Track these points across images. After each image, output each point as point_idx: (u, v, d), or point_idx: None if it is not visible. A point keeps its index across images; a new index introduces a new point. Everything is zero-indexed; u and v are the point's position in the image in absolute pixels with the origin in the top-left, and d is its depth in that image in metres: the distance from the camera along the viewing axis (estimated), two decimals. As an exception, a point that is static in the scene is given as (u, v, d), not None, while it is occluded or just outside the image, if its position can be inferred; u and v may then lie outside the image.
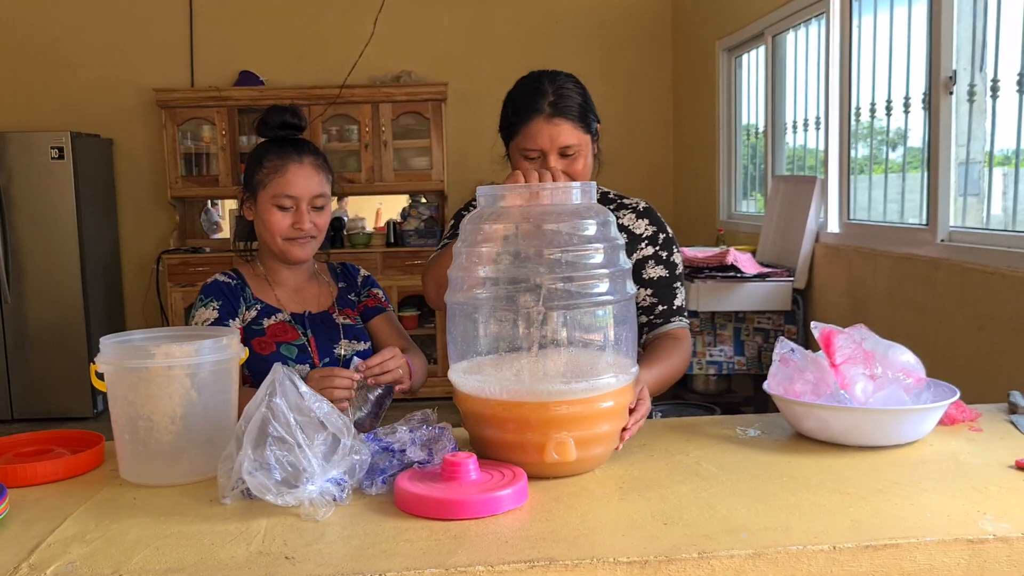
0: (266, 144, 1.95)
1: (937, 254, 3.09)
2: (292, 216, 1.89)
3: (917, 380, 1.54)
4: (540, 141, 1.78)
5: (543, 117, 1.78)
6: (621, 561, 1.09)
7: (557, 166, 1.79)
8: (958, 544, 1.13)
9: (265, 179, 1.90)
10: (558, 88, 1.81)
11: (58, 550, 1.16)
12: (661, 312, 1.90)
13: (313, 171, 1.91)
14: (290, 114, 1.95)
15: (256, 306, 1.93)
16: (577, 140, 1.80)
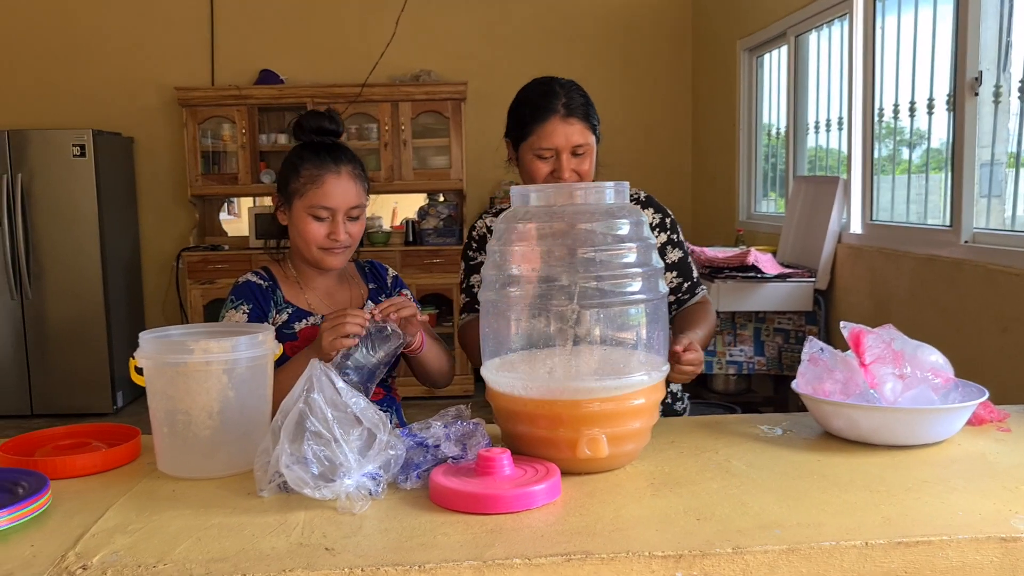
0: (302, 150, 1.92)
1: (961, 255, 3.09)
2: (328, 226, 1.88)
3: (945, 380, 1.54)
4: (556, 139, 1.89)
5: (558, 117, 1.90)
6: (656, 555, 1.10)
7: (569, 165, 1.90)
8: (991, 542, 1.14)
9: (301, 188, 1.88)
10: (568, 91, 1.94)
11: (102, 540, 1.18)
12: (687, 288, 2.10)
13: (350, 181, 1.90)
14: (327, 119, 1.94)
15: (287, 309, 1.94)
16: (587, 140, 1.92)
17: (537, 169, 1.94)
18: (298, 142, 1.96)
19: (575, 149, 1.91)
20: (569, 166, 1.91)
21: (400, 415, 2.02)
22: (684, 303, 2.09)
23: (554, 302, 1.37)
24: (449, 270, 5.98)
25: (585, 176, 1.94)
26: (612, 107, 6.44)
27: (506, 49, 6.35)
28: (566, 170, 1.91)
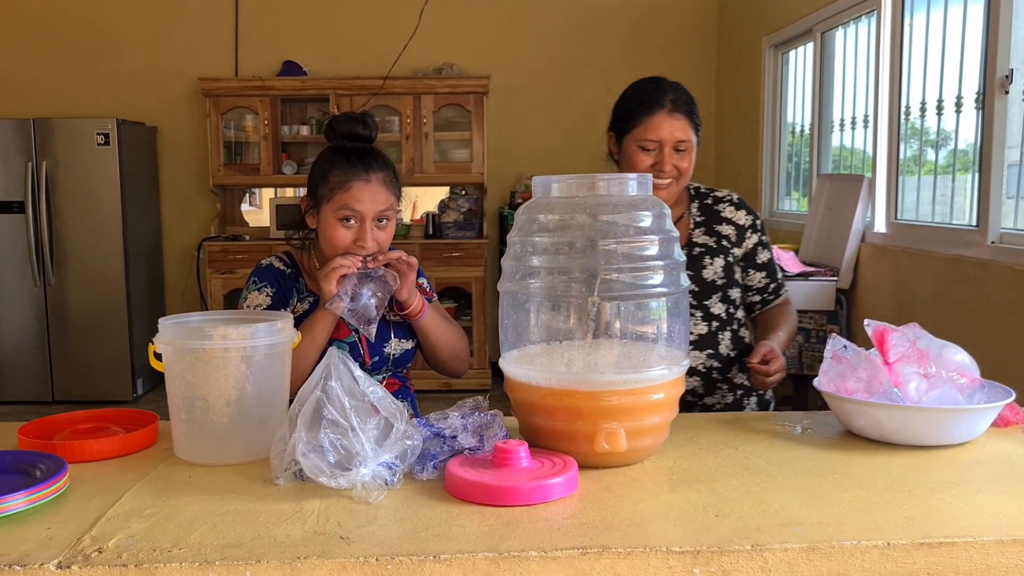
0: (332, 155, 1.88)
1: (987, 256, 3.05)
2: (355, 232, 1.83)
3: (971, 380, 1.52)
4: (661, 132, 1.96)
5: (665, 111, 1.98)
6: (674, 551, 1.09)
7: (671, 159, 1.97)
8: (1016, 545, 1.12)
9: (329, 193, 1.83)
10: (675, 89, 2.02)
11: (118, 524, 1.18)
12: (772, 289, 2.13)
13: (380, 187, 1.84)
14: (360, 124, 1.88)
15: (309, 299, 1.93)
16: (689, 137, 1.99)
17: (640, 161, 1.98)
18: (329, 144, 1.92)
19: (678, 144, 1.97)
20: (671, 160, 1.97)
21: (415, 407, 2.01)
22: (768, 303, 2.13)
23: (574, 294, 1.36)
24: (468, 263, 5.97)
25: (684, 173, 2.00)
26: (635, 103, 6.42)
27: (529, 44, 6.33)
28: (667, 163, 1.96)
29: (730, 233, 2.08)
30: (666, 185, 1.98)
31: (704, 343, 2.02)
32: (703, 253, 2.05)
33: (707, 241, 2.06)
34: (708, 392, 2.04)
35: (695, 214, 2.10)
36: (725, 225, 2.08)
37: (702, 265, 2.03)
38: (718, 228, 2.08)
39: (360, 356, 1.89)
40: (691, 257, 2.02)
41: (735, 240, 2.08)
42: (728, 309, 2.06)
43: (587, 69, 6.33)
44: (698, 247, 2.05)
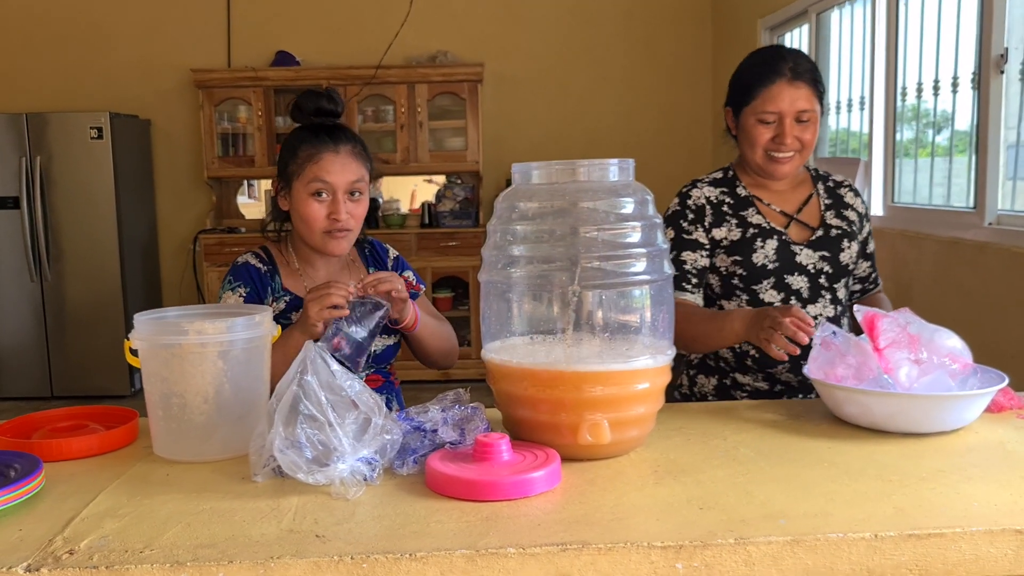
0: (301, 131, 1.89)
1: (985, 238, 3.02)
2: (328, 206, 1.83)
3: (964, 366, 1.49)
4: (780, 103, 1.86)
5: (785, 80, 1.87)
6: (655, 545, 1.07)
7: (792, 131, 1.87)
8: (1006, 534, 1.09)
9: (299, 168, 1.84)
10: (796, 56, 1.90)
11: (91, 524, 1.16)
12: (873, 279, 2.10)
13: (350, 158, 1.85)
14: (326, 99, 1.88)
15: (285, 298, 1.90)
16: (812, 107, 1.88)
17: (759, 134, 1.90)
18: (297, 124, 1.91)
19: (799, 115, 1.87)
20: (792, 132, 1.87)
21: (400, 400, 1.99)
22: (868, 292, 2.10)
23: (555, 283, 1.33)
24: (465, 253, 5.94)
25: (807, 146, 1.90)
26: (632, 88, 6.38)
27: (523, 30, 6.28)
28: (788, 135, 1.87)
29: (854, 219, 2.02)
30: (788, 159, 1.90)
31: None
32: (841, 235, 1.97)
33: (840, 224, 1.98)
34: None
35: (823, 195, 2.02)
36: (850, 211, 2.02)
37: (840, 248, 1.96)
38: (845, 213, 2.01)
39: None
40: (830, 239, 1.95)
41: (857, 227, 2.01)
42: (847, 295, 2.03)
43: (582, 55, 6.29)
44: (835, 229, 1.97)
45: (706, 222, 1.98)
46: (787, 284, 1.93)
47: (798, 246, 1.94)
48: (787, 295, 1.93)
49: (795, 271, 1.93)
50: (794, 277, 1.93)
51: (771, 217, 1.97)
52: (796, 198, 2.01)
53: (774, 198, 2.00)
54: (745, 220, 1.96)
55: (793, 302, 1.92)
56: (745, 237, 1.94)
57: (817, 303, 1.93)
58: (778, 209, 1.98)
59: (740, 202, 1.99)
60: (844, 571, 1.08)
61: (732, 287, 1.96)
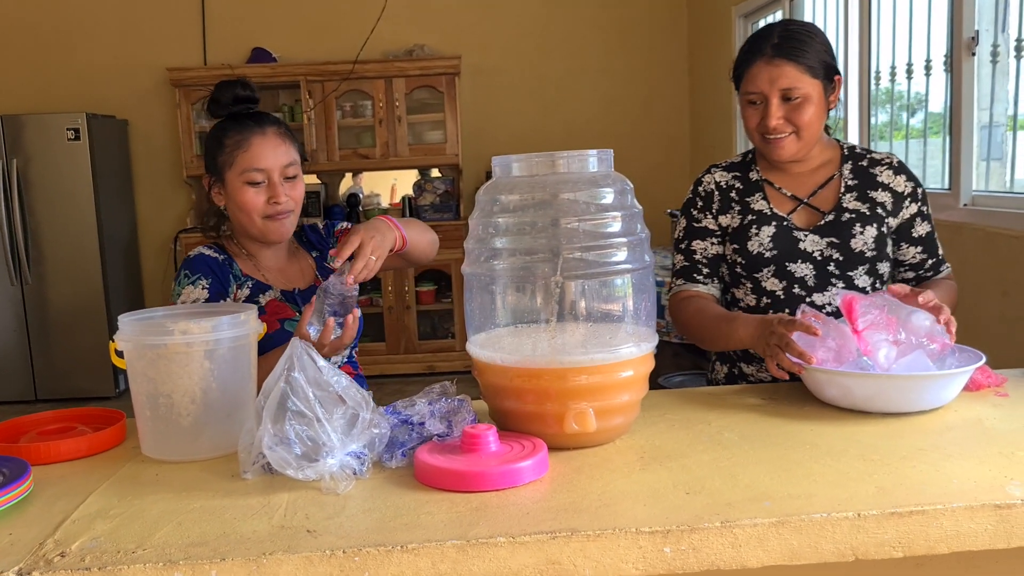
0: (223, 123, 1.86)
1: (960, 219, 3.06)
2: (266, 191, 1.81)
3: (941, 345, 1.51)
4: (760, 83, 1.79)
5: (764, 59, 1.78)
6: (643, 531, 1.08)
7: (777, 113, 1.78)
8: (985, 510, 1.11)
9: (229, 158, 1.81)
10: (785, 31, 1.80)
11: (82, 526, 1.16)
12: (931, 265, 1.92)
13: (279, 140, 1.83)
14: (240, 86, 1.86)
15: (248, 283, 1.87)
16: (800, 84, 1.77)
17: (748, 117, 1.84)
18: (217, 119, 1.88)
19: (785, 94, 1.77)
20: (778, 113, 1.78)
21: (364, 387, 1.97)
22: (924, 280, 1.93)
23: (538, 274, 1.34)
24: (446, 245, 5.84)
25: (802, 128, 1.79)
26: (609, 76, 6.39)
27: (499, 22, 6.28)
28: (773, 117, 1.78)
29: (886, 200, 1.87)
30: (780, 140, 1.81)
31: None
32: (853, 220, 1.85)
33: (859, 207, 1.86)
34: None
35: (847, 176, 1.89)
36: (881, 191, 1.88)
37: (851, 233, 1.84)
38: (872, 194, 1.87)
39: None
40: (839, 224, 1.85)
41: (891, 208, 1.87)
42: (874, 283, 1.88)
43: (559, 45, 6.29)
44: (848, 213, 1.85)
45: (714, 208, 1.94)
46: (789, 272, 1.85)
47: (803, 232, 1.86)
48: (790, 283, 1.86)
49: (798, 258, 1.85)
50: (797, 265, 1.85)
51: (777, 202, 1.90)
52: (814, 180, 1.91)
53: (788, 181, 1.92)
54: (748, 206, 1.90)
55: (796, 290, 1.85)
56: (743, 224, 1.89)
57: (825, 292, 1.85)
58: (789, 193, 1.90)
59: (749, 187, 1.93)
60: (829, 550, 1.10)
61: (737, 275, 1.92)
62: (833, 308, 1.82)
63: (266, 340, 1.79)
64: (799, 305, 1.73)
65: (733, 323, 1.73)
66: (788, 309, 1.85)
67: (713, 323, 1.80)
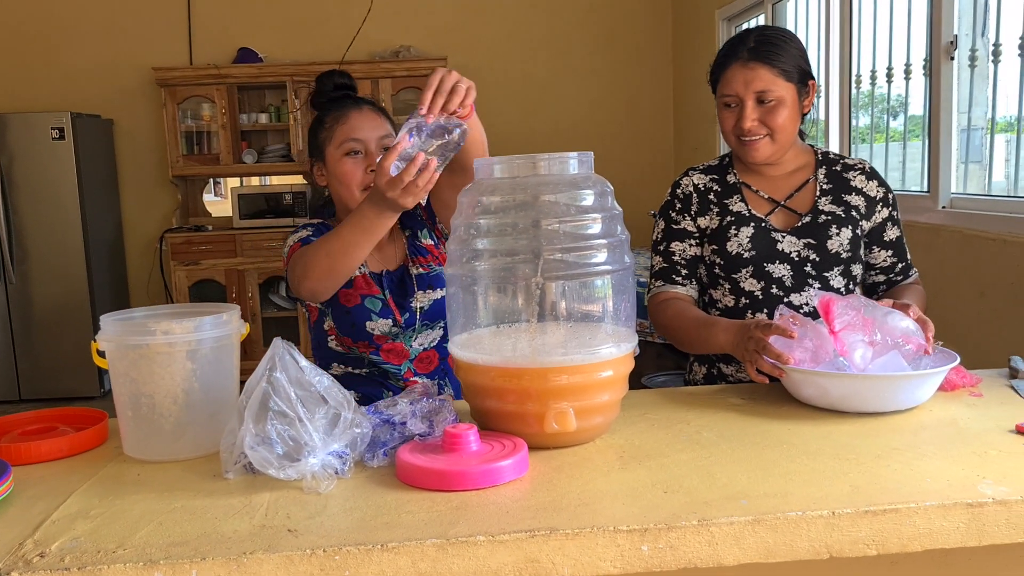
0: (323, 107, 1.97)
1: (938, 221, 3.09)
2: (363, 162, 1.88)
3: (917, 346, 1.53)
4: (736, 85, 1.82)
5: (740, 62, 1.82)
6: (621, 529, 1.10)
7: (752, 115, 1.81)
8: (957, 508, 1.13)
9: (329, 133, 1.90)
10: (761, 36, 1.83)
11: (62, 527, 1.17)
12: (900, 269, 1.97)
13: (374, 114, 1.92)
14: (339, 75, 1.98)
15: None
16: (775, 87, 1.80)
17: (724, 119, 1.88)
18: (320, 110, 1.98)
19: (760, 96, 1.81)
20: (752, 116, 1.82)
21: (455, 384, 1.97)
22: (894, 284, 1.98)
23: (519, 275, 1.35)
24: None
25: (776, 130, 1.83)
26: (594, 79, 6.41)
27: (485, 23, 6.29)
28: (747, 119, 1.82)
29: (859, 204, 1.92)
30: (755, 142, 1.84)
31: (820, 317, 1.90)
32: (829, 222, 1.88)
33: (835, 210, 1.90)
34: None
35: (822, 180, 1.93)
36: (855, 195, 1.92)
37: (827, 235, 1.87)
38: (847, 198, 1.91)
39: (391, 314, 1.90)
40: (816, 226, 1.88)
41: (864, 212, 1.92)
42: (848, 284, 1.91)
43: (544, 46, 6.31)
44: (824, 215, 1.89)
45: (692, 210, 1.96)
46: (767, 272, 1.88)
47: (780, 233, 1.89)
48: (768, 284, 1.88)
49: (776, 259, 1.88)
50: (775, 265, 1.88)
51: (755, 204, 1.93)
52: (790, 184, 1.95)
53: (765, 184, 1.95)
54: (726, 208, 1.93)
55: (775, 291, 1.88)
56: (722, 225, 1.92)
57: (802, 292, 1.88)
58: (766, 196, 1.94)
59: (727, 189, 1.95)
60: (804, 548, 1.12)
61: (715, 276, 1.94)
62: (810, 308, 1.85)
63: (344, 314, 1.88)
64: (777, 305, 1.76)
65: (713, 328, 1.75)
66: (766, 309, 1.88)
67: (693, 328, 1.82)
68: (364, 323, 1.89)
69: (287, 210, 6.16)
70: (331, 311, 1.91)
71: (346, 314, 1.88)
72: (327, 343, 1.94)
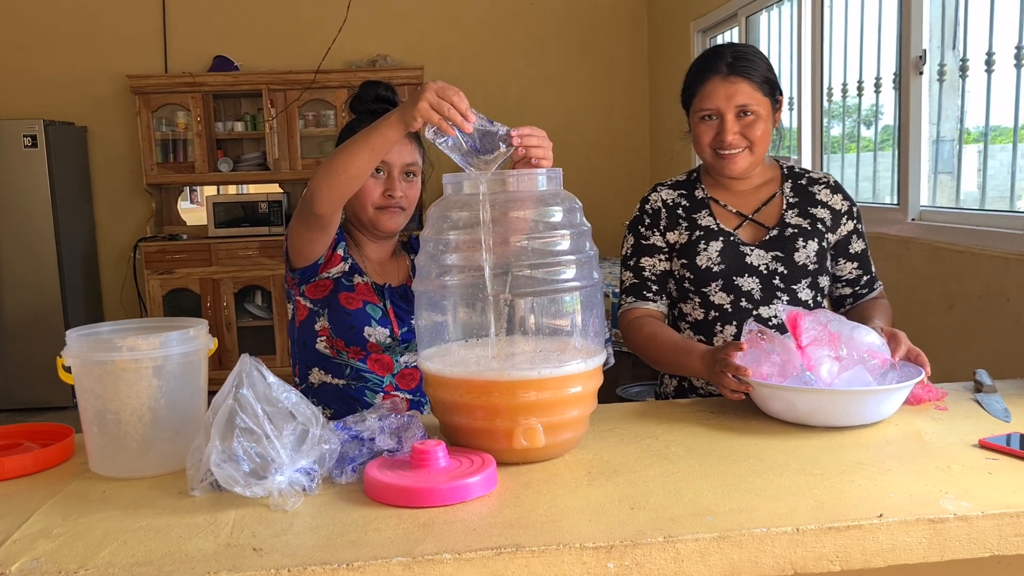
0: (359, 117, 1.96)
1: (908, 233, 3.12)
2: (384, 183, 1.89)
3: (882, 361, 1.55)
4: (716, 99, 1.84)
5: (720, 76, 1.84)
6: (587, 546, 1.10)
7: (733, 128, 1.84)
8: (919, 524, 1.14)
9: None
10: (737, 51, 1.87)
11: (23, 546, 1.15)
12: (866, 282, 1.98)
13: (406, 140, 1.89)
14: (383, 87, 1.97)
15: (349, 260, 1.95)
16: (755, 101, 1.84)
17: (702, 133, 1.89)
18: (356, 114, 1.98)
19: (741, 109, 1.83)
20: (733, 129, 1.84)
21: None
22: (861, 298, 1.99)
23: (488, 291, 1.35)
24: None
25: (757, 143, 1.86)
26: (571, 89, 6.43)
27: (462, 33, 6.30)
28: (729, 132, 1.84)
29: (825, 217, 1.94)
30: (734, 155, 1.86)
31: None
32: (796, 234, 1.90)
33: (801, 223, 1.92)
34: None
35: (788, 194, 1.95)
36: (820, 208, 1.94)
37: (795, 247, 1.89)
38: (813, 211, 1.94)
39: (390, 324, 1.91)
40: (783, 239, 1.90)
41: (830, 225, 1.94)
42: (816, 296, 1.93)
43: (520, 57, 6.33)
44: (791, 228, 1.91)
45: (661, 225, 1.97)
46: (737, 286, 1.89)
47: (748, 247, 1.91)
48: (737, 297, 1.90)
49: (745, 272, 1.90)
50: (744, 279, 1.89)
51: (723, 218, 1.95)
52: (758, 198, 1.97)
53: (733, 198, 1.97)
54: (695, 222, 1.95)
55: (744, 304, 1.89)
56: (691, 240, 1.93)
57: (771, 305, 1.89)
58: (734, 210, 1.96)
59: (696, 204, 1.97)
60: (768, 564, 1.12)
61: (685, 290, 1.95)
62: (778, 321, 1.86)
63: (344, 316, 1.88)
64: (747, 319, 1.77)
65: (688, 355, 1.76)
66: (735, 322, 1.89)
67: (669, 352, 1.83)
68: (363, 328, 1.90)
69: (263, 219, 6.13)
70: (327, 311, 1.91)
71: (346, 315, 1.89)
72: (315, 344, 1.93)
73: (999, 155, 2.93)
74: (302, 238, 1.83)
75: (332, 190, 1.65)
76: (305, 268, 1.89)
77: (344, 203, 1.73)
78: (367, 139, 1.59)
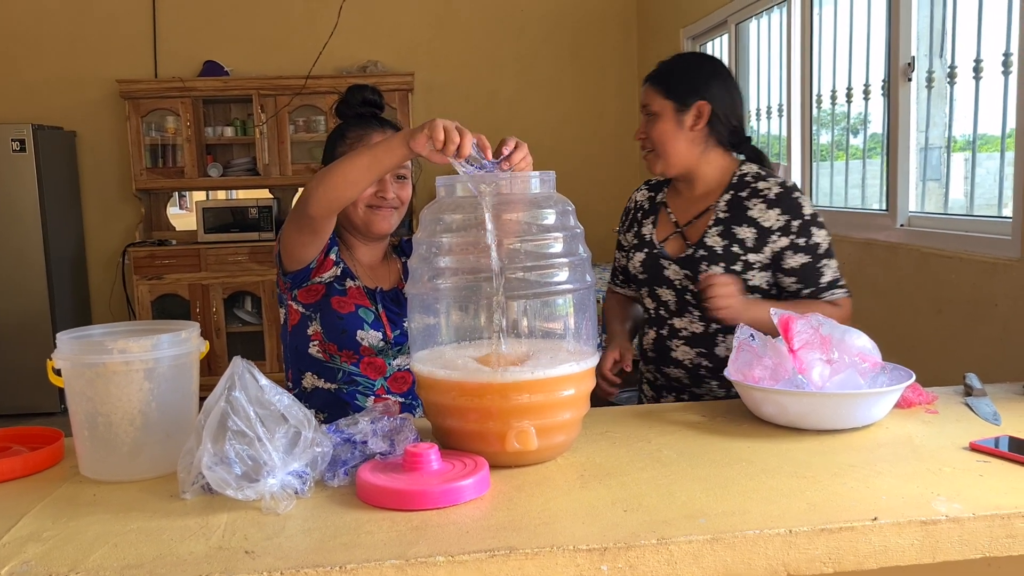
0: (347, 121, 1.98)
1: (896, 239, 3.13)
2: (375, 184, 1.88)
3: (873, 364, 1.56)
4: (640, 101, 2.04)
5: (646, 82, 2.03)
6: (580, 549, 1.10)
7: (641, 128, 2.02)
8: (911, 526, 1.15)
9: (348, 149, 1.91)
10: (664, 61, 2.05)
11: (13, 550, 1.14)
12: (807, 294, 1.92)
13: None
14: (370, 91, 1.99)
15: (341, 265, 1.95)
16: (654, 103, 1.97)
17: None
18: (343, 119, 2.00)
19: (644, 109, 2.00)
20: (640, 129, 2.02)
21: None
22: None
23: (481, 294, 1.36)
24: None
25: (655, 142, 1.98)
26: (561, 96, 6.45)
27: (452, 39, 6.31)
28: (641, 130, 2.02)
29: (747, 237, 1.90)
30: (646, 155, 2.03)
31: (698, 341, 1.96)
32: (704, 258, 1.91)
33: (715, 245, 1.91)
34: (695, 384, 2.00)
35: (720, 208, 1.94)
36: (745, 227, 1.91)
37: (698, 271, 1.91)
38: (736, 229, 1.91)
39: (382, 327, 1.92)
40: (694, 260, 1.92)
41: (752, 246, 1.90)
42: None
43: (511, 63, 6.34)
44: (703, 250, 1.92)
45: (625, 224, 2.15)
46: (657, 295, 2.01)
47: (667, 260, 1.97)
48: (658, 305, 2.02)
49: (663, 284, 1.99)
50: (662, 289, 2.00)
51: (662, 226, 2.04)
52: (696, 208, 1.99)
53: (678, 205, 2.04)
54: (640, 228, 2.08)
55: (663, 312, 2.01)
56: (631, 244, 2.08)
57: (684, 317, 1.97)
58: (674, 219, 2.03)
59: (651, 208, 2.10)
60: (761, 566, 1.13)
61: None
62: (689, 333, 1.97)
63: (336, 319, 1.89)
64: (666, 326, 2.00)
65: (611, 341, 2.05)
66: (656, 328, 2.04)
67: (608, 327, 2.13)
68: (355, 332, 1.91)
69: (252, 224, 6.12)
70: (319, 315, 1.91)
71: (338, 319, 1.90)
72: (307, 349, 1.93)
73: (986, 163, 2.95)
74: (294, 241, 1.83)
75: (327, 192, 1.65)
76: (297, 272, 1.89)
77: (339, 209, 1.74)
78: (372, 148, 1.61)
